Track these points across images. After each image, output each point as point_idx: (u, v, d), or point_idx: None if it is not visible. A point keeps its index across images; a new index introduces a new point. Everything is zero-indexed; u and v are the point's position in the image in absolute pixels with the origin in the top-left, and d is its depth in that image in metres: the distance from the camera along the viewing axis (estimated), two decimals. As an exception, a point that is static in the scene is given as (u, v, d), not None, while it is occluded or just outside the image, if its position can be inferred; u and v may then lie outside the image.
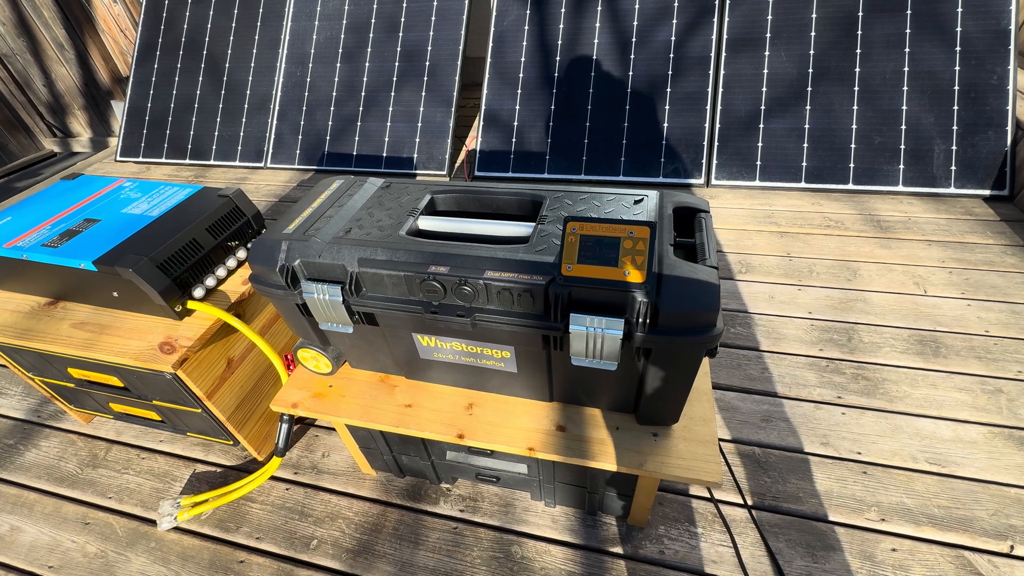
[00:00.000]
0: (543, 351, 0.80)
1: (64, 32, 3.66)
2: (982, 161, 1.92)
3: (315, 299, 0.81)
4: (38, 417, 1.44)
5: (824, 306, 1.55)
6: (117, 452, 1.33)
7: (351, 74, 2.54)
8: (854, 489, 1.10)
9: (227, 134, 2.70)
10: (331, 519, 1.14)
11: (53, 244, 1.01)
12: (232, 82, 2.70)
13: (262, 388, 1.22)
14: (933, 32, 1.96)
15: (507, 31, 2.39)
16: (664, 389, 0.79)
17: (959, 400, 1.25)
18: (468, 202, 0.92)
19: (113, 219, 1.07)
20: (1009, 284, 1.56)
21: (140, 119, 2.86)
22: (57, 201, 1.15)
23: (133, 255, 0.94)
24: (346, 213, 0.88)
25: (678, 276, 0.66)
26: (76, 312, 1.09)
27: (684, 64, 2.19)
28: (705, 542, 1.04)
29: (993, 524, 1.02)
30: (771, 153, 2.10)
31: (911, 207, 1.93)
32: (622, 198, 0.84)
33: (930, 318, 1.48)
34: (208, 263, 1.07)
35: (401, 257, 0.76)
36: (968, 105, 1.93)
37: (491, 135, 2.37)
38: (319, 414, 0.95)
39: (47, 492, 1.25)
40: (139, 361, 0.95)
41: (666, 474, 0.81)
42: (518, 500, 1.13)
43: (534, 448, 0.86)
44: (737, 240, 1.86)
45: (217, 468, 1.27)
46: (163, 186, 1.18)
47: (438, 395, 0.96)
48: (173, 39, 2.81)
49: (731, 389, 1.33)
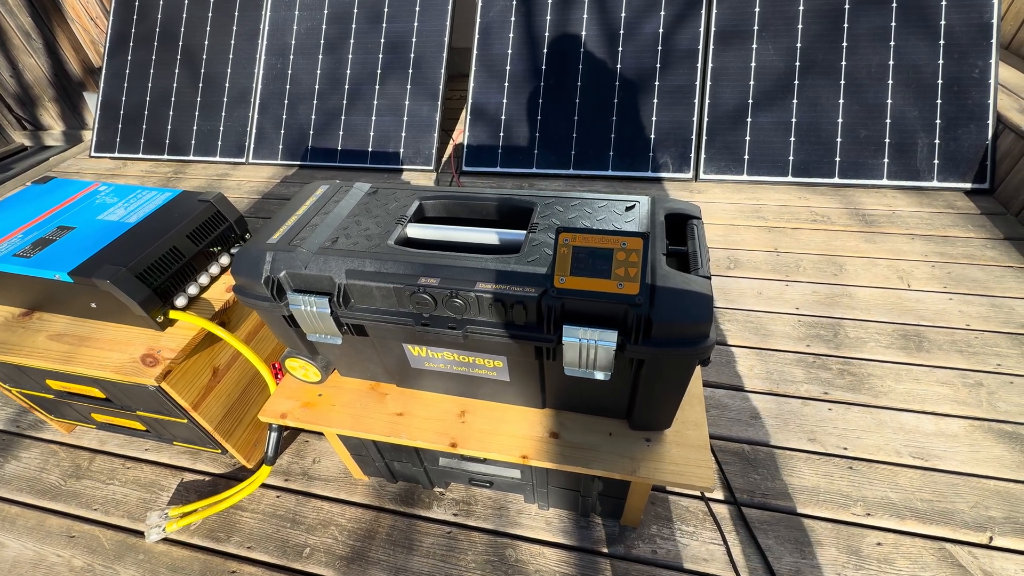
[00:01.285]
0: (536, 361, 0.79)
1: (31, 20, 3.51)
2: (964, 155, 1.95)
3: (302, 311, 0.79)
4: (17, 427, 1.41)
5: (811, 301, 1.57)
6: (101, 462, 1.30)
7: (334, 66, 2.48)
8: (840, 484, 1.12)
9: (206, 128, 2.62)
10: (324, 526, 1.13)
11: (25, 254, 0.97)
12: (210, 74, 2.62)
13: (250, 395, 1.20)
14: (918, 25, 1.97)
15: (493, 22, 2.35)
16: (657, 396, 0.79)
17: (941, 394, 1.28)
18: (457, 208, 0.90)
19: (89, 226, 1.03)
20: (989, 278, 1.59)
21: (115, 113, 2.76)
22: (29, 207, 1.11)
23: (111, 265, 0.91)
24: (332, 221, 0.86)
25: (671, 288, 0.66)
26: (52, 323, 1.05)
27: (672, 57, 2.17)
28: (696, 540, 1.05)
29: (973, 516, 1.05)
30: (758, 147, 2.10)
31: (895, 200, 1.95)
32: (613, 204, 0.83)
33: (913, 312, 1.50)
34: (190, 271, 1.04)
35: (390, 269, 0.75)
36: (951, 99, 1.95)
37: (478, 129, 2.34)
38: (309, 424, 0.94)
39: (29, 505, 1.22)
40: (121, 375, 0.93)
41: (660, 480, 0.82)
42: (511, 503, 1.14)
43: (528, 456, 0.86)
44: (726, 235, 1.87)
45: (206, 476, 1.25)
46: (141, 190, 1.14)
47: (430, 403, 0.95)
48: (147, 29, 2.71)
49: (720, 386, 1.35)
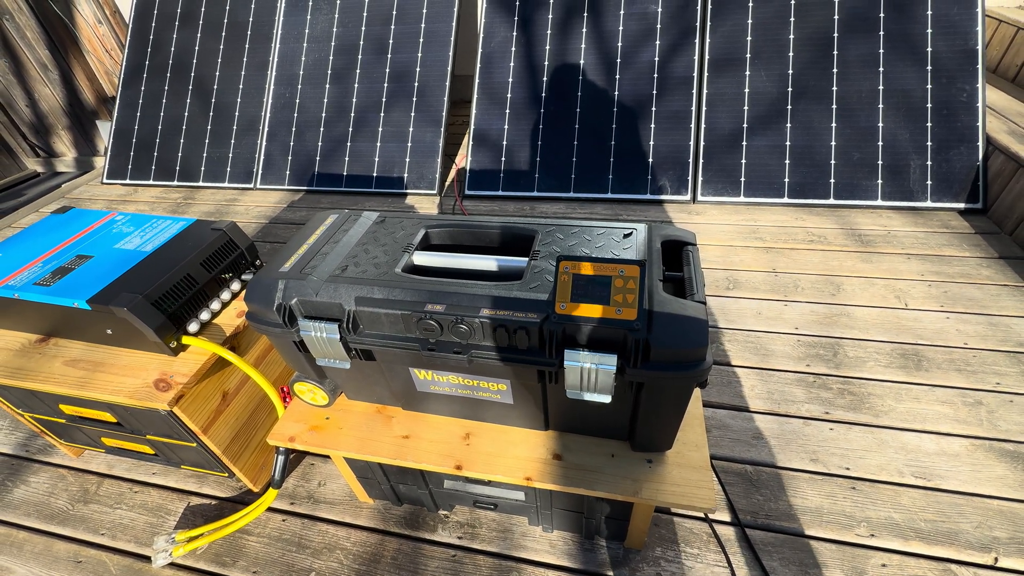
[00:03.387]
0: (538, 384, 0.82)
1: (48, 53, 3.64)
2: (956, 175, 1.99)
3: (312, 337, 0.82)
4: (27, 452, 1.42)
5: (809, 321, 1.59)
6: (109, 486, 1.31)
7: (340, 95, 2.56)
8: (844, 505, 1.13)
9: (216, 155, 2.69)
10: (329, 550, 1.13)
11: (45, 282, 1.00)
12: (220, 104, 2.71)
13: (257, 419, 1.22)
14: (906, 52, 2.03)
15: (494, 52, 2.43)
16: (657, 418, 0.81)
17: (941, 413, 1.29)
18: (461, 236, 0.94)
19: (106, 255, 1.07)
20: (985, 296, 1.61)
21: (127, 141, 2.84)
22: (48, 237, 1.15)
23: (128, 293, 0.94)
24: (341, 249, 0.89)
25: (668, 313, 0.69)
26: (68, 349, 1.08)
27: (668, 83, 2.24)
28: (701, 563, 1.05)
29: (977, 537, 1.05)
30: (754, 169, 2.15)
31: (890, 221, 1.99)
32: (612, 231, 0.86)
33: (912, 331, 1.52)
34: (202, 297, 1.07)
35: (398, 296, 0.78)
36: (941, 122, 2.01)
37: (480, 154, 2.40)
38: (317, 447, 0.96)
39: (37, 530, 1.23)
40: (135, 399, 0.95)
41: (661, 501, 0.83)
42: (516, 525, 1.14)
43: (532, 477, 0.88)
44: (724, 256, 1.90)
45: (212, 500, 1.26)
46: (156, 219, 1.18)
47: (435, 426, 0.97)
48: (160, 61, 2.81)
49: (722, 407, 1.36)
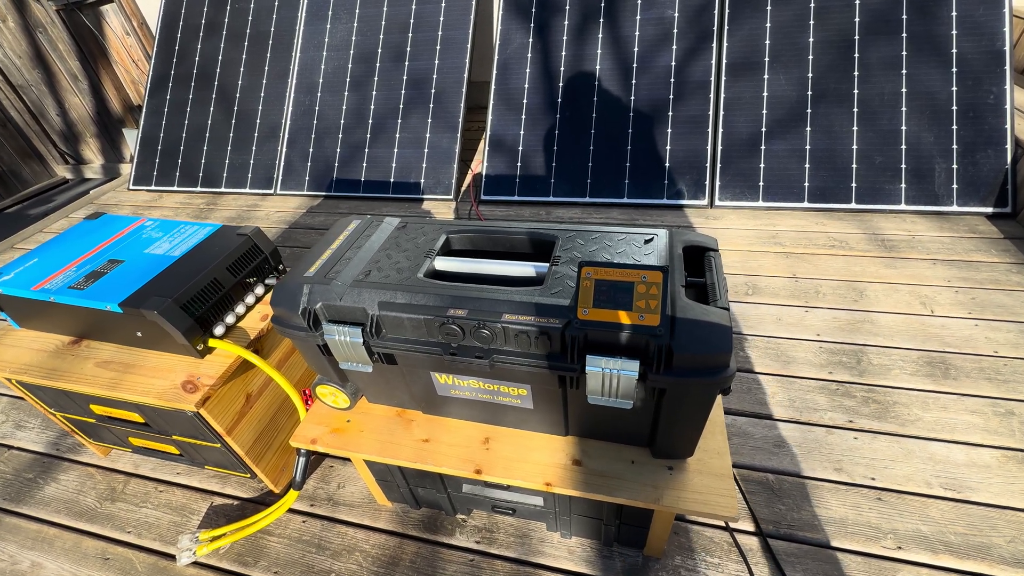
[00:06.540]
0: (559, 389, 0.82)
1: (78, 63, 3.77)
2: (983, 179, 1.94)
3: (336, 341, 0.83)
4: (57, 450, 1.46)
5: (832, 328, 1.56)
6: (135, 485, 1.34)
7: (359, 102, 2.60)
8: (869, 516, 1.10)
9: (238, 162, 2.75)
10: (348, 552, 1.14)
11: (79, 286, 1.04)
12: (243, 111, 2.77)
13: (279, 421, 1.24)
14: (930, 54, 2.00)
15: (511, 58, 2.45)
16: (679, 425, 0.80)
17: (971, 423, 1.26)
18: (482, 241, 0.94)
19: (136, 260, 1.10)
20: (1016, 303, 1.57)
21: (153, 148, 2.92)
22: (81, 242, 1.19)
23: (158, 297, 0.97)
24: (364, 255, 0.90)
25: (691, 319, 0.68)
26: (99, 351, 1.11)
27: (685, 88, 2.23)
28: (722, 573, 1.04)
29: (1011, 551, 1.02)
30: (774, 174, 2.13)
31: (915, 225, 1.95)
32: (632, 238, 0.86)
33: (938, 339, 1.49)
34: (228, 301, 1.09)
35: (420, 300, 0.79)
36: (967, 124, 1.96)
37: (496, 160, 2.42)
38: (338, 450, 0.97)
39: (67, 527, 1.27)
40: (163, 400, 0.97)
41: (683, 508, 0.82)
42: (534, 531, 1.14)
43: (551, 483, 0.87)
44: (743, 261, 1.88)
45: (234, 501, 1.28)
46: (183, 225, 1.21)
47: (455, 429, 0.97)
48: (185, 71, 2.89)
49: (743, 414, 1.34)
